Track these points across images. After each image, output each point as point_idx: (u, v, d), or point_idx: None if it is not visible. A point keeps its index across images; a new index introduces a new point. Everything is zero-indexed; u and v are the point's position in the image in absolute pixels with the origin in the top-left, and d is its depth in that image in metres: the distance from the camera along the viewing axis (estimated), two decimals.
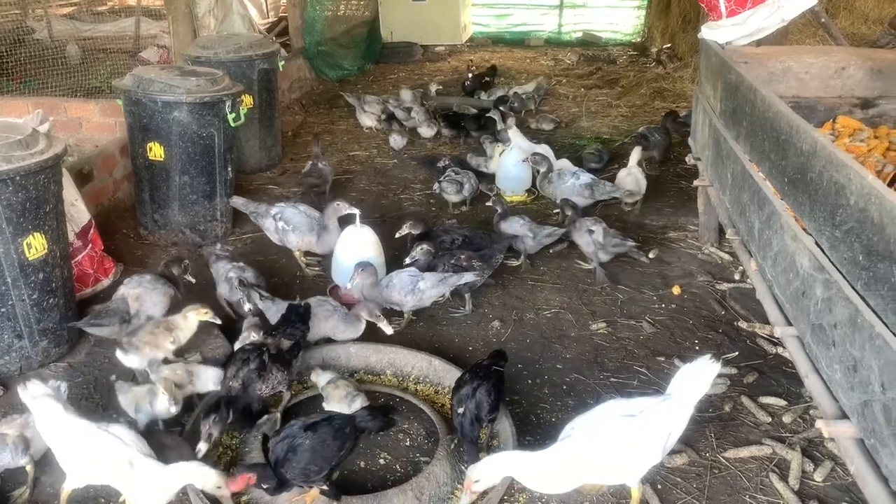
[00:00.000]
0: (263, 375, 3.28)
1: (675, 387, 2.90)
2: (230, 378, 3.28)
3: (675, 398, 2.84)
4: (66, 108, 6.50)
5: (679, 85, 10.17)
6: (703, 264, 5.09)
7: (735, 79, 3.95)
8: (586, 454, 2.73)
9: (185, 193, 5.21)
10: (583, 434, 2.77)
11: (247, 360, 3.30)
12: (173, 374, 3.42)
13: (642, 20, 14.03)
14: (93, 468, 2.78)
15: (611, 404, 2.91)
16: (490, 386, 3.24)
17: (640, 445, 2.75)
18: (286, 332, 3.59)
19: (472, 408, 3.17)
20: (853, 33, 8.00)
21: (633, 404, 2.85)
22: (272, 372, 3.32)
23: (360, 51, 11.86)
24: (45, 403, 2.84)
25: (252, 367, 3.27)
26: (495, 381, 3.29)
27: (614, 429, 2.75)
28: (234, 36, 7.71)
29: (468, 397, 3.20)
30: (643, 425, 2.75)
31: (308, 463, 2.84)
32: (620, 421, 2.77)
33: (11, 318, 3.70)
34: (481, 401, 3.18)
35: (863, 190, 2.25)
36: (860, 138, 4.55)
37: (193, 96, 4.94)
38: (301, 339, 3.62)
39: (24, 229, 3.60)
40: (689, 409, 2.82)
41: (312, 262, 5.06)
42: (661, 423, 2.77)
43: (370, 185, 6.72)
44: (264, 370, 3.29)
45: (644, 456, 2.77)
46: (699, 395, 2.82)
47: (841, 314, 2.38)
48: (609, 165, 6.89)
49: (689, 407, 2.81)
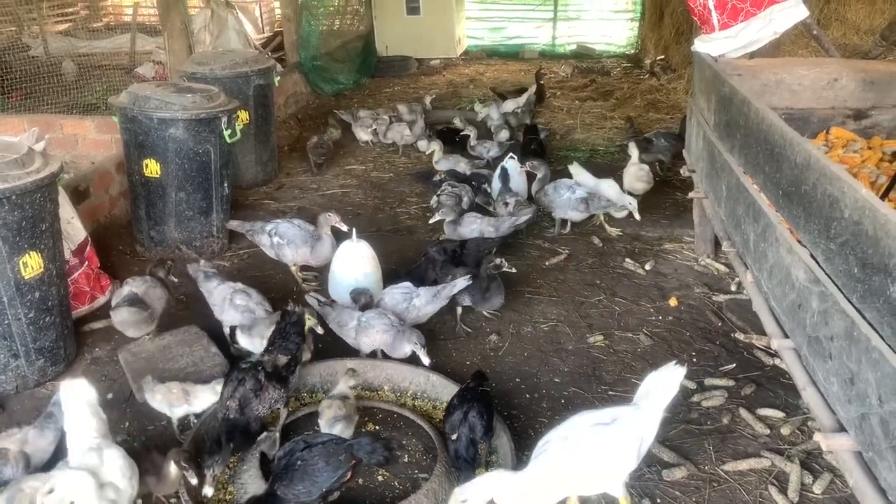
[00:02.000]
0: (260, 395, 3.24)
1: (643, 393, 2.93)
2: (227, 398, 3.24)
3: (644, 405, 2.87)
4: (62, 125, 6.51)
5: (673, 96, 10.23)
6: (699, 276, 5.10)
7: (728, 91, 3.97)
8: (564, 467, 2.73)
9: (182, 210, 5.21)
10: (558, 448, 2.77)
11: (242, 381, 3.26)
12: (168, 394, 3.42)
13: (636, 32, 14.12)
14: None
15: (582, 415, 2.91)
16: (481, 407, 3.21)
17: (614, 453, 2.77)
18: (281, 346, 3.52)
19: (466, 432, 3.15)
20: (845, 44, 8.06)
21: (604, 414, 2.87)
22: (268, 391, 3.27)
23: (356, 65, 11.90)
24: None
25: (248, 388, 3.23)
26: (485, 402, 3.27)
27: (588, 439, 2.77)
28: (229, 52, 7.75)
29: (461, 422, 3.17)
30: (616, 433, 2.77)
31: (297, 483, 2.84)
32: (593, 430, 2.79)
33: (7, 338, 3.69)
34: (474, 424, 3.16)
35: (856, 203, 2.26)
36: (854, 149, 4.58)
37: (189, 113, 4.96)
38: (297, 353, 3.56)
39: (21, 248, 3.60)
40: (659, 414, 2.85)
41: (309, 277, 5.06)
42: (632, 429, 2.79)
43: (366, 199, 6.72)
44: (260, 390, 3.25)
45: (620, 463, 2.79)
46: (667, 401, 2.85)
47: (837, 327, 2.38)
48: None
49: (658, 413, 2.85)
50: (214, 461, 2.99)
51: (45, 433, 3.12)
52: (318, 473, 2.87)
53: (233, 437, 3.13)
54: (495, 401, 3.53)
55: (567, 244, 5.63)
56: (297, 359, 3.55)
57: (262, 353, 3.55)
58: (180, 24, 7.40)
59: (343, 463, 2.91)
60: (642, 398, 2.91)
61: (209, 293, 4.20)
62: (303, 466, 2.88)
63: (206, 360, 3.95)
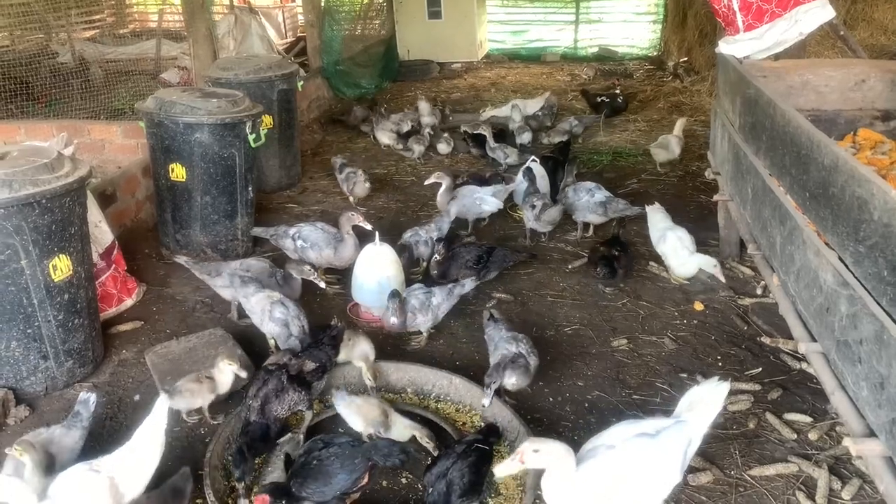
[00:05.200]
0: (280, 396, 3.29)
1: (685, 406, 2.90)
2: (251, 397, 3.30)
3: (689, 418, 2.82)
4: (89, 130, 6.60)
5: (696, 98, 10.16)
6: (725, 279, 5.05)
7: (754, 93, 3.94)
8: (613, 475, 2.68)
9: (207, 213, 5.27)
10: (606, 455, 2.73)
11: (266, 381, 3.33)
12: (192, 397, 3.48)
13: (658, 34, 14.06)
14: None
15: (625, 425, 2.88)
16: (467, 466, 2.89)
17: (661, 465, 2.72)
18: (312, 353, 3.60)
19: (442, 489, 2.85)
20: (872, 44, 7.95)
21: (647, 425, 2.83)
22: (289, 393, 3.32)
23: (378, 69, 11.97)
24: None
25: (270, 388, 3.29)
26: (475, 461, 2.93)
27: (636, 449, 2.73)
28: (253, 57, 7.82)
29: (439, 478, 2.88)
30: (662, 445, 2.73)
31: (312, 482, 2.87)
32: (639, 441, 2.75)
33: (38, 339, 3.75)
34: (453, 482, 2.85)
35: (886, 205, 2.23)
36: (882, 150, 4.51)
37: (214, 118, 5.01)
38: (327, 363, 3.62)
39: (50, 251, 3.66)
40: (704, 430, 2.82)
41: (332, 280, 5.09)
42: (678, 442, 2.75)
43: (389, 203, 6.75)
44: (282, 391, 3.30)
45: (666, 476, 2.74)
46: (713, 416, 2.82)
47: (866, 330, 2.35)
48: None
49: (703, 428, 2.81)
50: (243, 472, 3.01)
51: (72, 432, 3.16)
52: (334, 475, 2.89)
53: (254, 446, 3.18)
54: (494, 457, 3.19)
55: (589, 248, 5.60)
56: (325, 367, 3.60)
57: (292, 356, 3.62)
58: (205, 30, 7.48)
59: (358, 466, 2.93)
60: (684, 411, 2.87)
61: (245, 298, 4.18)
62: (318, 466, 2.91)
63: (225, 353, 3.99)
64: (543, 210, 5.49)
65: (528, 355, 3.65)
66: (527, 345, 3.72)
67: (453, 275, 4.85)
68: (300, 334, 3.94)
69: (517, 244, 5.72)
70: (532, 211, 5.54)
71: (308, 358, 3.56)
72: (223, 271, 4.47)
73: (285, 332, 3.94)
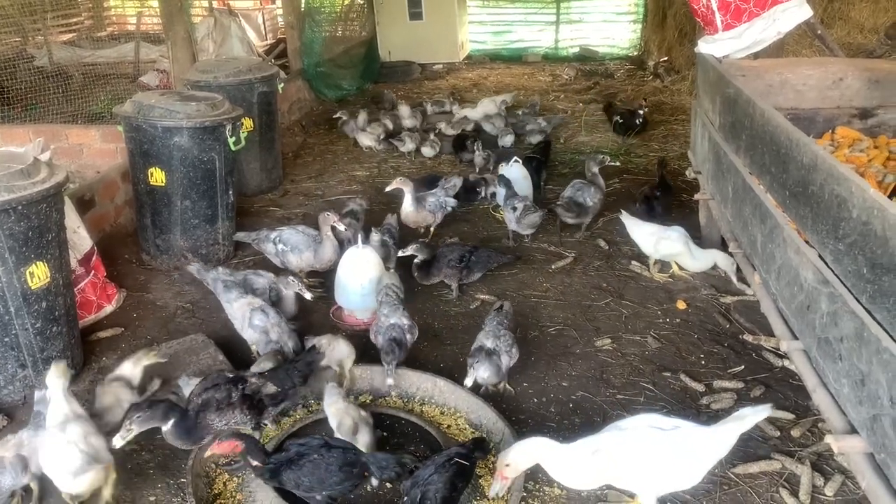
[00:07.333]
0: (223, 410, 3.15)
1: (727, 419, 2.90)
2: (195, 394, 3.18)
3: (715, 426, 2.83)
4: (67, 134, 6.53)
5: (677, 98, 10.21)
6: (706, 278, 5.07)
7: (733, 92, 3.96)
8: (613, 452, 2.71)
9: (187, 218, 5.22)
10: (612, 434, 2.78)
11: (217, 387, 3.20)
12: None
13: (638, 34, 14.11)
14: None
15: (647, 416, 2.90)
16: (442, 481, 2.82)
17: (663, 455, 2.73)
18: (278, 376, 3.40)
19: (416, 496, 2.80)
20: (849, 43, 8.04)
21: (666, 421, 2.85)
22: (233, 412, 3.18)
23: (359, 70, 11.93)
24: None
25: (217, 396, 3.16)
26: (452, 475, 2.85)
27: (643, 434, 2.76)
28: (232, 59, 7.76)
29: (414, 486, 2.84)
30: (672, 439, 2.75)
31: (306, 476, 2.87)
32: (650, 430, 2.78)
33: (15, 348, 3.70)
34: (426, 493, 2.79)
35: (864, 203, 2.25)
36: (860, 148, 4.56)
37: (194, 121, 4.96)
38: (289, 390, 3.42)
39: (27, 258, 3.60)
40: (724, 440, 2.79)
41: (314, 283, 5.05)
42: (688, 441, 2.75)
43: (371, 205, 6.70)
44: (227, 406, 3.16)
45: (664, 467, 2.74)
46: (739, 430, 2.79)
47: (847, 328, 2.36)
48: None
49: (723, 438, 2.78)
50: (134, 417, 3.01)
51: (39, 432, 3.11)
52: (329, 476, 2.88)
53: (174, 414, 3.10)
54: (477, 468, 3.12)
55: (573, 247, 5.62)
56: (285, 395, 3.41)
57: (258, 372, 3.46)
58: (184, 33, 7.43)
59: (354, 476, 2.93)
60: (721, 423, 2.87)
61: (228, 304, 4.13)
62: (317, 461, 2.89)
63: (213, 369, 3.94)
64: (524, 214, 5.49)
65: (502, 353, 3.68)
66: (505, 343, 3.73)
67: (435, 275, 4.85)
68: (280, 340, 3.89)
69: (501, 245, 5.73)
70: (514, 213, 5.54)
71: (272, 380, 3.35)
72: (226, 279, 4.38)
73: (264, 338, 3.89)
